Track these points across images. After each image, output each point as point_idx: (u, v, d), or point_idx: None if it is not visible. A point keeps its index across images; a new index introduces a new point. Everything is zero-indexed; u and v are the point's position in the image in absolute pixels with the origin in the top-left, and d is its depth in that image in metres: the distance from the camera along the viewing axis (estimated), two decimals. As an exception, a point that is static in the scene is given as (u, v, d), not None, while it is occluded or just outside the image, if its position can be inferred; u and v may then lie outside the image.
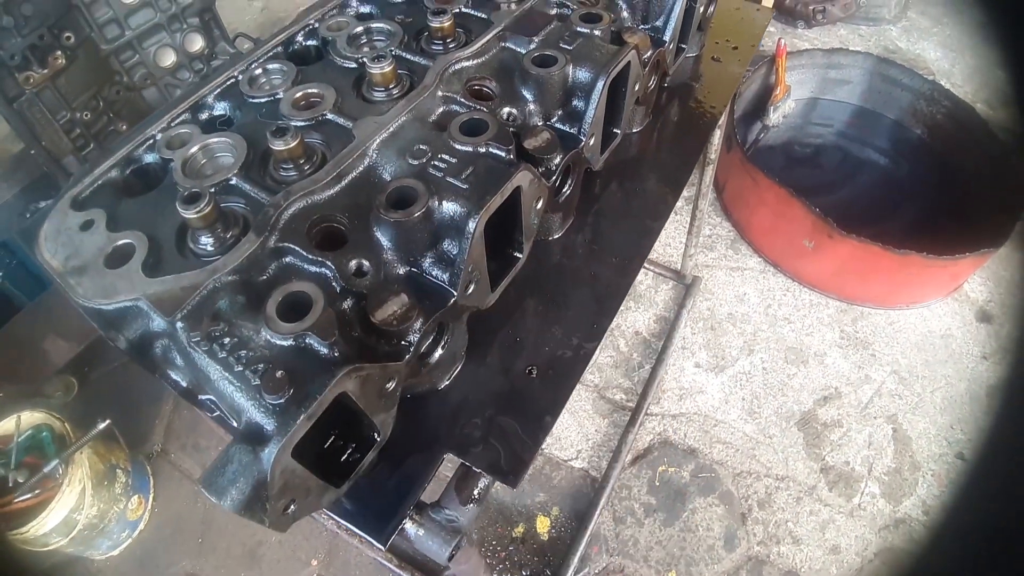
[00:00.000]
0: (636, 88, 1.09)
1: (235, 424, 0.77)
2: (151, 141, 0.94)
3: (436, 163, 0.81)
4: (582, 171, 1.04)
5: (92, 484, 2.16)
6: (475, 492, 0.89)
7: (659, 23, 1.19)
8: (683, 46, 1.31)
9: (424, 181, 0.79)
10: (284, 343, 0.70)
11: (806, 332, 2.56)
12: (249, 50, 1.05)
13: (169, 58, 2.36)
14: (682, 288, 2.65)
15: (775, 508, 2.15)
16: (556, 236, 1.08)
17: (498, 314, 0.96)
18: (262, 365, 0.69)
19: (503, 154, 0.81)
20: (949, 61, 3.70)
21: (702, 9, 1.31)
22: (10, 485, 2.01)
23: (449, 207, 0.78)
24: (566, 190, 1.02)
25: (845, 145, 3.30)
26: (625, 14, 1.18)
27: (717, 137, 1.92)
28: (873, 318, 2.60)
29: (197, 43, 2.43)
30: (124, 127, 2.33)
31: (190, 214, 0.75)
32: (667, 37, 1.18)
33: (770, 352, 2.51)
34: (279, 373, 0.67)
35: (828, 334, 2.56)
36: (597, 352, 0.93)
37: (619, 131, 1.11)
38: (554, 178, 0.91)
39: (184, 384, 0.83)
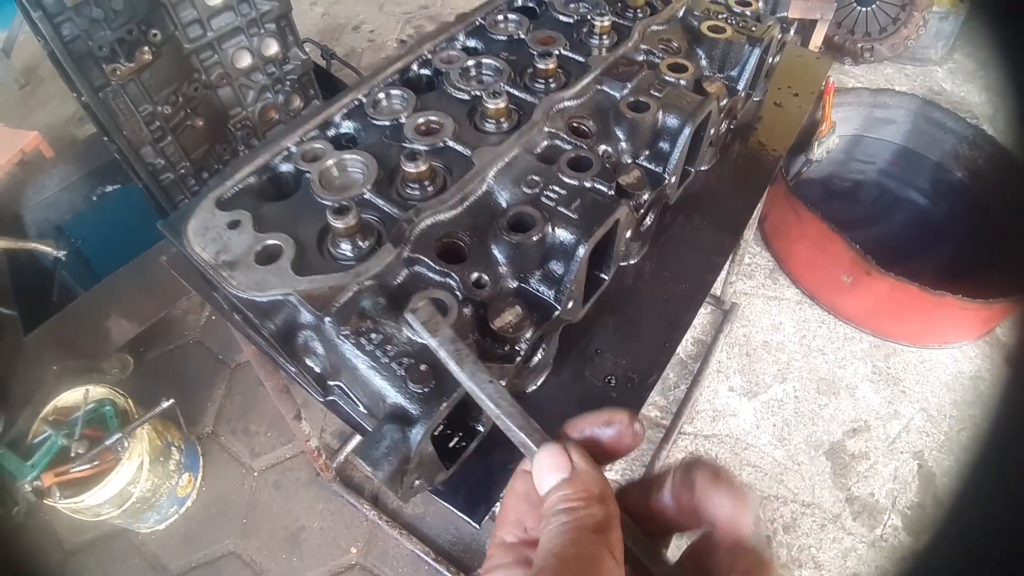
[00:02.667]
0: (712, 132, 1.20)
1: (363, 410, 0.89)
2: (286, 152, 1.07)
3: (548, 193, 0.92)
4: (661, 205, 1.15)
5: (149, 459, 2.27)
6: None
7: (734, 73, 1.30)
8: (751, 92, 1.41)
9: (539, 208, 0.90)
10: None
11: (839, 365, 2.64)
12: (369, 75, 1.17)
13: (245, 60, 2.49)
14: (720, 313, 2.74)
15: (799, 533, 2.23)
16: (632, 262, 1.19)
17: (581, 328, 1.07)
18: (407, 359, 0.79)
19: (606, 189, 0.93)
20: (993, 106, 3.76)
21: (771, 60, 1.41)
22: (71, 455, 2.11)
23: (561, 233, 0.89)
24: (647, 222, 1.13)
25: (886, 183, 3.38)
26: (704, 62, 1.29)
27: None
28: (905, 355, 2.67)
29: (272, 47, 2.56)
30: (200, 123, 2.45)
31: (339, 224, 0.87)
32: (740, 86, 1.29)
33: (803, 381, 2.59)
34: (423, 367, 0.78)
35: (860, 368, 2.63)
36: (667, 367, 1.04)
37: (693, 169, 1.22)
38: (641, 211, 1.02)
39: (318, 370, 0.94)
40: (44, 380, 2.43)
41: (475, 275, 0.89)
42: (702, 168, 1.39)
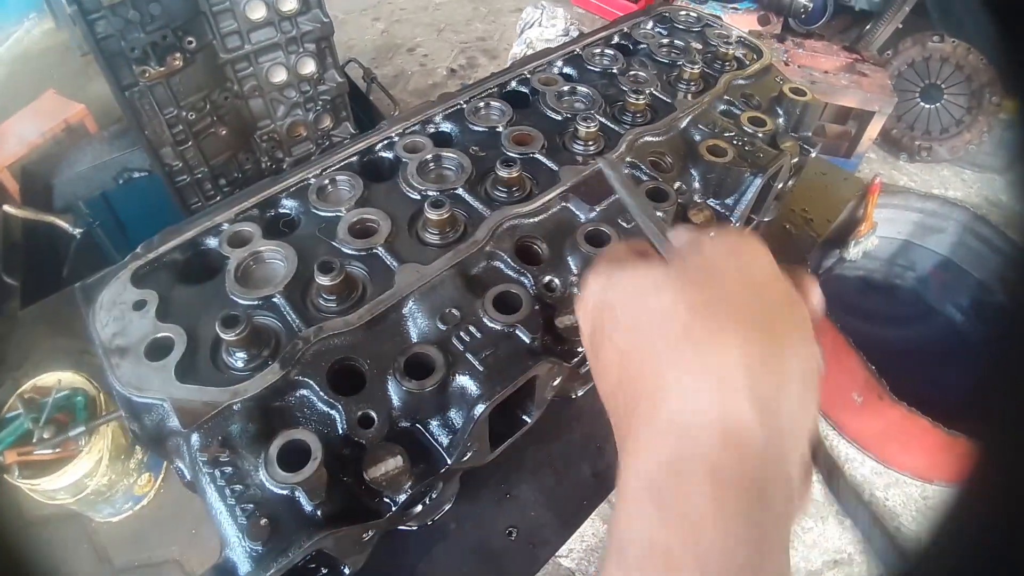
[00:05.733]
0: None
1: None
2: (218, 228, 1.00)
3: (462, 334, 0.83)
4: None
5: (110, 456, 2.26)
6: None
7: (730, 201, 1.18)
8: (754, 216, 1.30)
9: (444, 351, 0.81)
10: (276, 490, 0.73)
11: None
12: (329, 152, 1.10)
13: (280, 75, 2.47)
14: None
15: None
16: (576, 395, 1.09)
17: (497, 462, 0.97)
18: (251, 506, 0.72)
19: (527, 340, 0.83)
20: (1052, 230, 3.50)
21: (780, 185, 1.29)
22: (34, 440, 2.13)
23: (461, 383, 0.80)
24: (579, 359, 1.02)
25: (923, 292, 3.17)
26: (697, 185, 1.18)
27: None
28: (908, 488, 2.47)
29: (309, 67, 2.54)
30: (224, 131, 2.45)
31: (227, 336, 0.80)
32: (735, 216, 1.18)
33: (791, 498, 2.42)
34: (263, 521, 0.71)
35: (856, 494, 2.45)
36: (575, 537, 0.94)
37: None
38: (576, 360, 0.92)
39: (187, 478, 0.87)
40: (32, 356, 2.45)
41: (362, 412, 0.80)
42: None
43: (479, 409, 0.77)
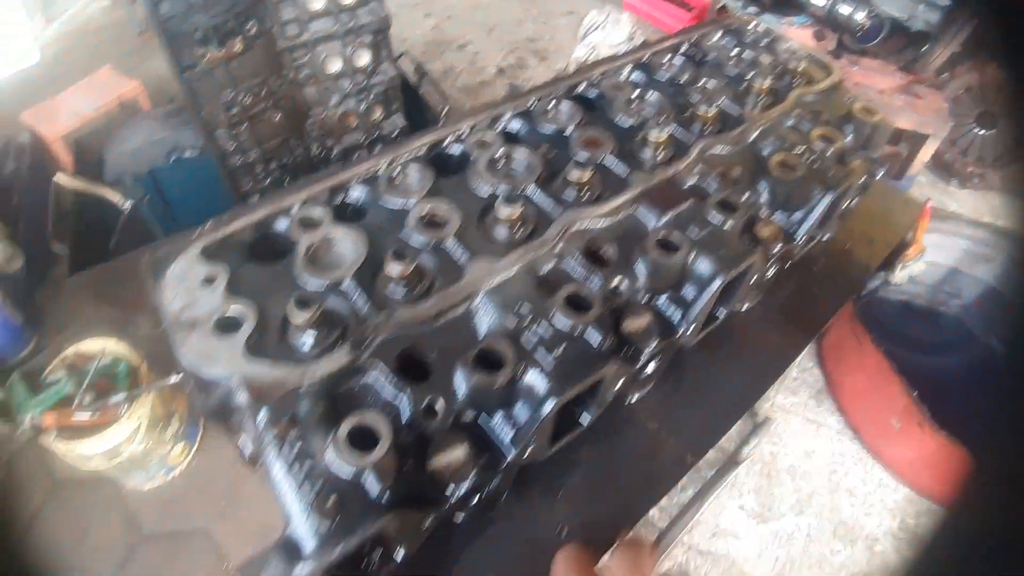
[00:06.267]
0: (753, 281, 1.09)
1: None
2: (288, 211, 1.02)
3: (533, 331, 0.83)
4: (672, 352, 1.04)
5: (147, 425, 2.31)
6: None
7: (797, 216, 1.17)
8: (816, 234, 1.28)
9: (515, 345, 0.81)
10: (343, 470, 0.74)
11: (865, 511, 2.42)
12: (395, 144, 1.11)
13: (336, 66, 2.50)
14: (751, 425, 2.56)
15: None
16: (630, 401, 1.09)
17: (551, 459, 0.97)
18: (320, 482, 0.73)
19: (597, 341, 0.83)
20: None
21: (846, 204, 1.28)
22: (74, 404, 2.19)
23: (530, 379, 0.80)
24: (650, 369, 1.02)
25: (967, 320, 3.10)
26: (763, 199, 1.17)
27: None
28: (940, 518, 2.42)
29: (364, 58, 2.57)
30: (278, 116, 2.49)
31: (298, 319, 0.81)
32: (801, 233, 1.16)
33: (820, 520, 2.38)
34: (332, 499, 0.72)
35: (887, 521, 2.40)
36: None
37: (723, 312, 1.10)
38: (639, 364, 0.92)
39: (248, 453, 0.89)
40: (76, 323, 2.51)
41: (428, 401, 0.81)
42: (742, 309, 1.27)
43: (548, 406, 0.77)
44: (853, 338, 2.49)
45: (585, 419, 0.93)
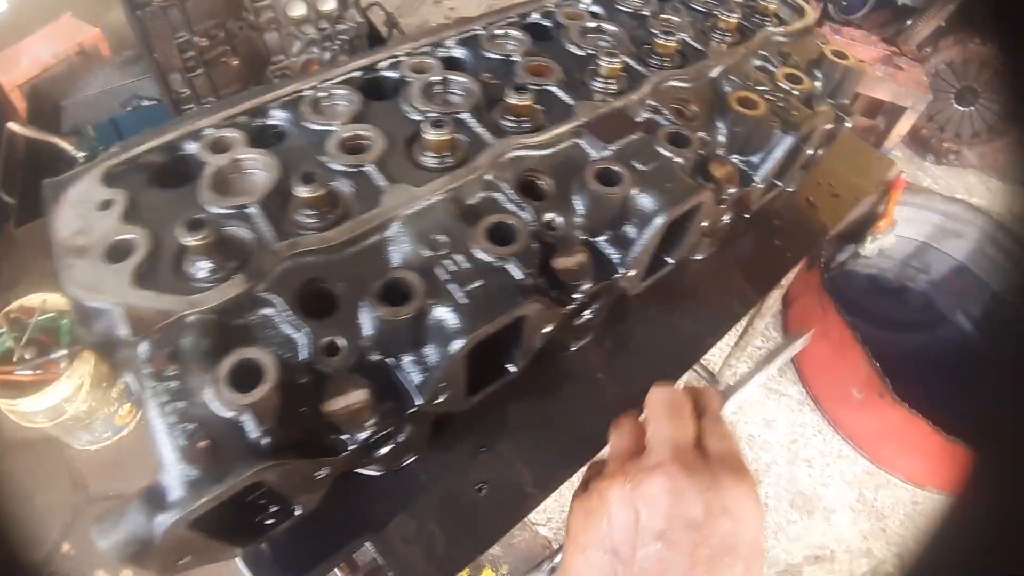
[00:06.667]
0: (704, 225, 1.01)
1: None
2: (199, 133, 0.92)
3: (447, 262, 0.75)
4: (613, 297, 0.97)
5: (91, 383, 2.23)
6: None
7: (755, 159, 1.09)
8: (777, 183, 1.21)
9: (426, 278, 0.73)
10: (222, 412, 0.66)
11: (823, 482, 2.40)
12: (328, 67, 1.02)
13: (299, 10, 2.38)
14: (711, 393, 2.53)
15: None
16: (571, 349, 1.02)
17: (477, 415, 0.90)
18: (193, 425, 0.65)
19: (519, 276, 0.75)
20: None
21: (810, 151, 1.20)
22: (14, 359, 2.10)
23: (440, 315, 0.72)
24: (588, 315, 0.94)
25: (935, 297, 3.08)
26: (722, 138, 1.09)
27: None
28: (898, 492, 2.42)
29: (329, 3, 2.44)
30: (235, 62, 2.36)
31: (188, 241, 0.72)
32: (758, 177, 1.09)
33: (778, 490, 2.37)
34: (203, 443, 0.64)
35: (846, 493, 2.39)
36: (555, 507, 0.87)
37: (672, 260, 1.02)
38: (572, 307, 0.84)
39: (134, 393, 0.80)
40: (28, 276, 2.42)
41: (329, 338, 0.73)
42: (695, 258, 1.19)
43: (456, 345, 0.70)
44: (819, 308, 2.45)
45: (512, 368, 0.85)
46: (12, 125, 2.45)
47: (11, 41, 3.00)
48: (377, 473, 0.87)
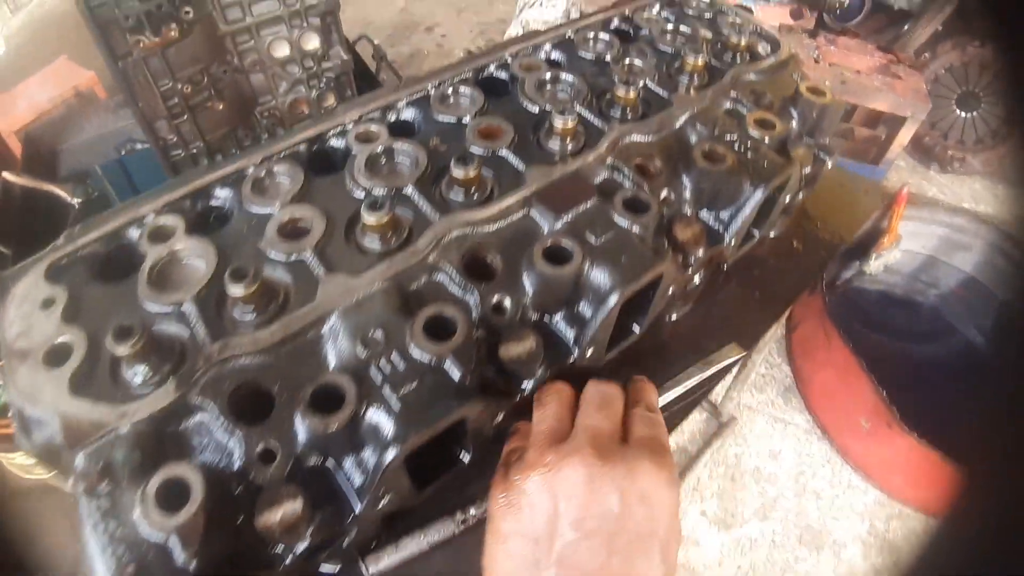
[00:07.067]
0: (670, 292, 0.97)
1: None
2: (142, 220, 0.90)
3: (383, 363, 0.72)
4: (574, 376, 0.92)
5: (86, 435, 2.22)
6: None
7: (725, 215, 1.05)
8: (755, 231, 1.16)
9: (360, 382, 0.70)
10: (149, 533, 0.63)
11: (833, 515, 2.32)
12: (274, 138, 0.99)
13: (283, 50, 2.36)
14: (715, 424, 2.46)
15: None
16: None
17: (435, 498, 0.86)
18: (122, 548, 0.63)
19: (457, 377, 0.71)
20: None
21: (788, 199, 1.16)
22: (10, 413, 2.10)
23: (375, 421, 0.69)
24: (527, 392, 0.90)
25: (945, 310, 3.00)
26: (688, 194, 1.05)
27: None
28: (911, 522, 2.33)
29: (313, 42, 2.42)
30: (221, 106, 2.35)
31: (119, 349, 0.70)
32: (729, 234, 1.04)
33: (786, 525, 2.29)
34: (130, 568, 0.61)
35: (857, 525, 2.31)
36: None
37: (639, 328, 0.98)
38: (520, 397, 0.80)
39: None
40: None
41: (263, 445, 0.70)
42: (668, 319, 1.15)
43: (389, 455, 0.66)
44: (822, 333, 2.38)
45: (465, 457, 0.81)
46: (7, 175, 2.47)
47: (8, 84, 3.04)
48: (334, 571, 0.83)
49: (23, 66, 3.34)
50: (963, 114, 3.37)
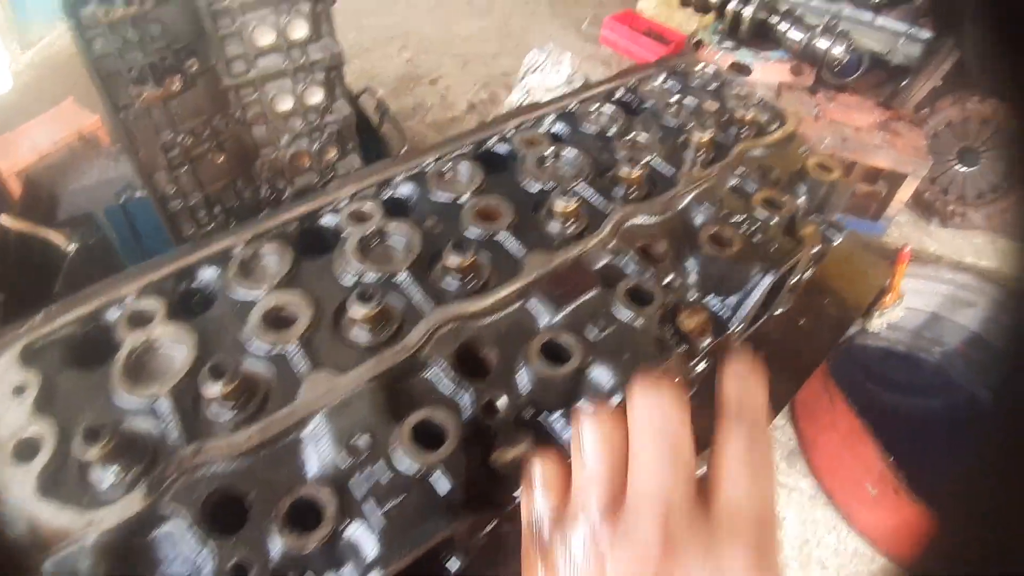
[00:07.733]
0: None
1: None
2: (122, 301, 0.86)
3: (366, 475, 0.67)
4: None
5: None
6: None
7: (733, 300, 1.01)
8: (762, 312, 1.13)
9: (341, 495, 0.65)
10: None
11: (839, 586, 2.24)
12: (265, 216, 0.96)
13: (286, 104, 2.37)
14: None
15: None
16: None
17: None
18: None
19: (445, 490, 0.66)
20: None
21: (795, 280, 1.12)
22: None
23: (356, 537, 0.64)
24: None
25: (950, 368, 2.95)
26: (694, 279, 1.01)
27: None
28: (923, 594, 2.24)
29: (316, 97, 2.43)
30: (221, 158, 2.35)
31: (87, 455, 0.65)
32: (736, 319, 1.01)
33: (791, 597, 2.21)
34: None
35: (863, 597, 2.23)
36: None
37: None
38: (512, 507, 0.76)
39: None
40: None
41: (235, 560, 0.65)
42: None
43: (373, 578, 0.61)
44: (826, 396, 2.33)
45: (454, 565, 0.76)
46: (4, 219, 2.46)
47: (13, 123, 3.04)
48: None
49: (29, 104, 3.36)
50: (963, 169, 3.37)
